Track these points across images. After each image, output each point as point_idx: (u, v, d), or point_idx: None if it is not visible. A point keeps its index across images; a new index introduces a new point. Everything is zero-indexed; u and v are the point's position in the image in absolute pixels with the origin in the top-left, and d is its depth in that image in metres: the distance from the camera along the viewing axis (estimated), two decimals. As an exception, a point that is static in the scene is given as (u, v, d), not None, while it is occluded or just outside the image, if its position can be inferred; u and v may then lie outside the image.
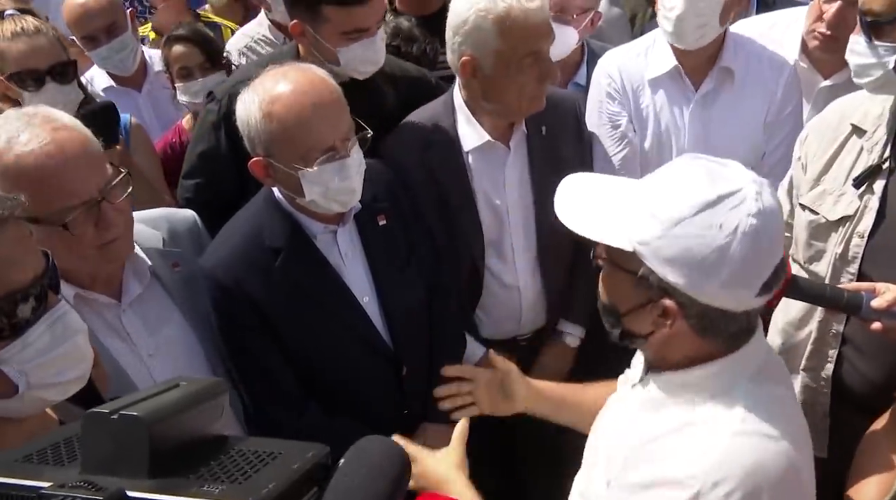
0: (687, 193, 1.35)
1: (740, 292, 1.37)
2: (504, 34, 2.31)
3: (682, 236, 1.33)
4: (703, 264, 1.33)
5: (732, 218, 1.32)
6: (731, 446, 1.36)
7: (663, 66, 2.70)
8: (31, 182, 1.68)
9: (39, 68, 2.82)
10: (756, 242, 1.32)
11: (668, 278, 1.36)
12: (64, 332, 1.30)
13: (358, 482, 0.86)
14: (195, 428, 0.87)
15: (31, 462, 0.84)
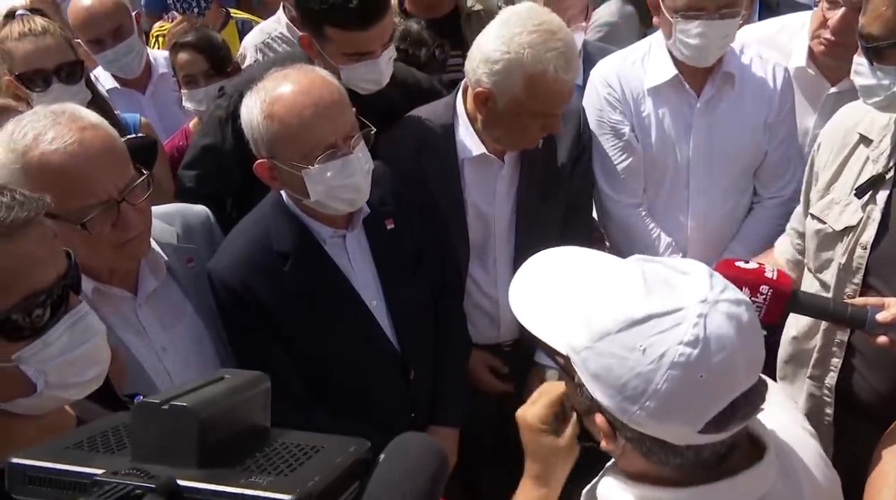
0: (618, 304, 1.17)
1: (675, 428, 1.16)
2: (530, 90, 2.31)
3: (604, 354, 1.16)
4: (625, 389, 1.14)
5: (660, 343, 1.12)
6: None
7: (663, 75, 2.70)
8: (53, 179, 1.70)
9: (46, 68, 2.82)
10: (688, 375, 1.11)
11: (594, 394, 1.19)
12: (84, 333, 1.30)
13: (398, 477, 0.87)
14: (240, 420, 0.89)
15: (82, 450, 0.85)
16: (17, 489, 0.82)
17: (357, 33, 2.46)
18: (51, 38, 2.86)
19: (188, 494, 0.78)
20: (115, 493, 0.75)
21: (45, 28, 2.87)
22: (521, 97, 2.33)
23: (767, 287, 1.78)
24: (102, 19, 3.35)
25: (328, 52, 2.52)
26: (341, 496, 0.83)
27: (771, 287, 1.78)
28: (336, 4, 2.41)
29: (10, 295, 1.19)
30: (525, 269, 1.43)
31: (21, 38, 2.85)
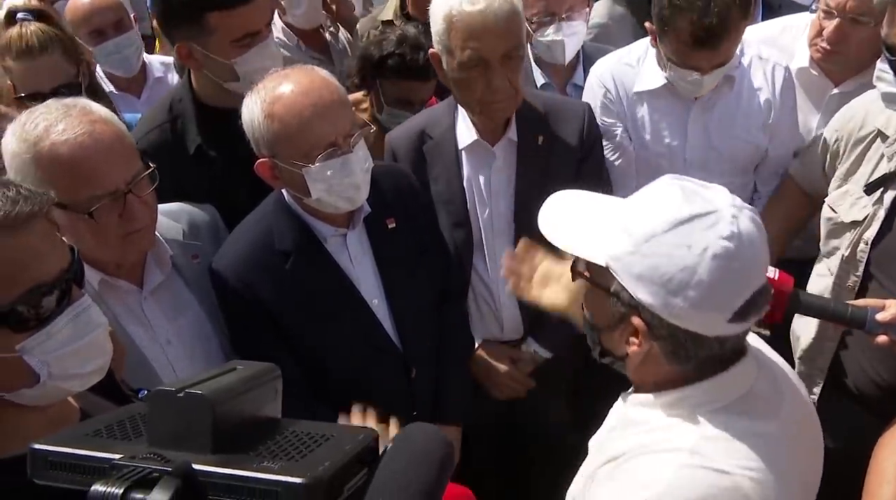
0: (660, 211, 1.33)
1: (710, 316, 1.32)
2: (449, 31, 2.31)
3: (651, 254, 1.31)
4: (671, 283, 1.29)
5: (703, 238, 1.28)
6: (676, 479, 1.31)
7: (656, 81, 2.71)
8: (62, 170, 1.75)
9: (42, 91, 2.70)
10: (727, 265, 1.28)
11: (637, 295, 1.33)
12: (86, 325, 1.33)
13: (405, 465, 0.90)
14: (252, 409, 0.92)
15: (101, 437, 0.88)
16: (39, 474, 0.85)
17: (240, 9, 2.35)
18: (48, 57, 2.77)
19: (203, 477, 0.80)
20: (133, 475, 0.78)
21: (44, 44, 2.77)
22: (447, 42, 2.33)
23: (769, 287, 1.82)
24: (105, 10, 3.37)
25: (214, 48, 2.39)
26: (350, 482, 0.86)
27: (773, 287, 1.81)
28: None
29: (14, 287, 1.23)
30: (549, 204, 1.55)
31: (19, 58, 2.76)
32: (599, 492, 1.41)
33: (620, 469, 1.40)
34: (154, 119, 2.61)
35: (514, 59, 2.33)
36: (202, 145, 2.51)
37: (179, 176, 2.41)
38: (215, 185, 2.48)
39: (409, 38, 2.92)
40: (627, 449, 1.41)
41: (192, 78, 2.58)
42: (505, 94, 2.35)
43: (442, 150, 2.55)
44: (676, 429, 1.38)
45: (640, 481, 1.33)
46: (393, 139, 2.62)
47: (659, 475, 1.32)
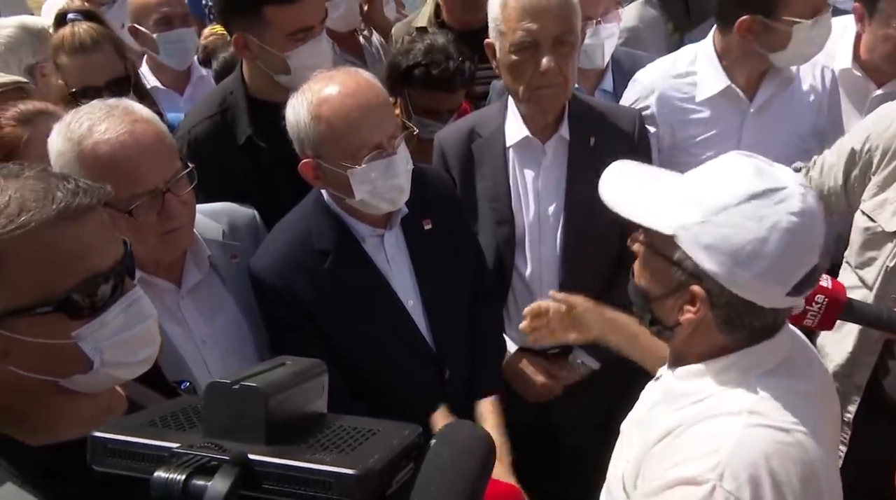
0: (734, 184, 1.39)
1: (772, 288, 1.39)
2: (505, 14, 2.36)
3: (723, 224, 1.37)
4: (740, 254, 1.36)
5: (774, 213, 1.35)
6: (742, 439, 1.36)
7: (715, 86, 2.70)
8: (104, 168, 1.79)
9: (97, 84, 2.91)
10: (794, 240, 1.35)
11: (703, 264, 1.39)
12: (137, 315, 1.37)
13: (449, 460, 0.92)
14: (302, 403, 0.94)
15: (156, 426, 0.91)
16: (98, 461, 0.88)
17: (297, 4, 2.47)
18: (100, 53, 2.94)
19: (259, 467, 0.83)
20: (192, 463, 0.81)
21: (96, 41, 2.94)
22: (500, 25, 2.37)
23: (823, 297, 1.82)
24: (175, 0, 3.51)
25: (269, 40, 2.51)
26: (398, 475, 0.88)
27: (827, 297, 1.82)
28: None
29: (72, 275, 1.27)
30: (610, 173, 1.60)
31: (72, 55, 2.94)
32: (659, 467, 1.44)
33: (681, 439, 1.44)
34: (205, 110, 2.71)
35: (566, 46, 2.36)
36: (252, 136, 2.60)
37: (228, 166, 2.52)
38: (262, 176, 2.56)
39: (437, 48, 2.93)
40: (682, 420, 1.46)
41: (244, 72, 2.69)
42: (554, 79, 2.37)
43: (491, 147, 2.57)
44: (729, 394, 1.44)
45: (707, 446, 1.38)
46: (442, 138, 2.64)
47: (725, 437, 1.37)
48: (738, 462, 1.34)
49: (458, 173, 2.60)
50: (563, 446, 2.74)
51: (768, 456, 1.35)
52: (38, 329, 1.26)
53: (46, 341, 1.27)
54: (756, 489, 1.33)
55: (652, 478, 1.46)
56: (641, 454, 1.52)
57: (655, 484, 1.43)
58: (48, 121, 2.17)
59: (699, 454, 1.38)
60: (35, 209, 1.23)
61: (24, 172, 1.29)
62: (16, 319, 1.25)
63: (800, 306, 1.67)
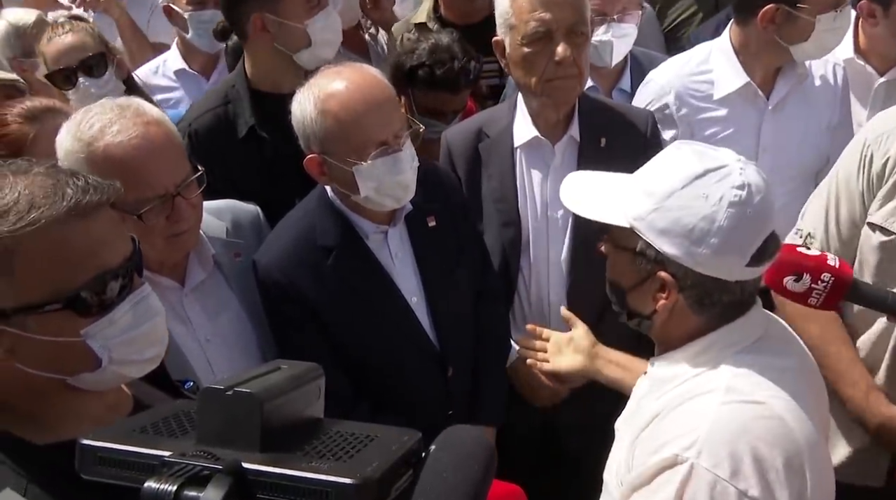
0: (677, 169, 1.48)
1: (730, 260, 1.46)
2: (515, 7, 2.33)
3: (673, 208, 1.45)
4: (693, 233, 1.43)
5: (718, 189, 1.43)
6: (719, 416, 1.41)
7: (733, 83, 2.68)
8: (115, 171, 1.74)
9: (70, 65, 2.96)
10: (740, 211, 1.42)
11: (663, 249, 1.47)
12: (146, 313, 1.36)
13: (450, 466, 0.89)
14: (298, 408, 0.92)
15: (147, 433, 0.89)
16: (87, 469, 0.86)
17: None
18: (73, 35, 2.99)
19: (253, 476, 0.80)
20: (184, 473, 0.78)
21: (71, 26, 3.00)
22: (510, 19, 2.35)
23: (829, 275, 1.80)
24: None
25: (287, 13, 2.57)
26: (397, 483, 0.86)
27: (833, 275, 1.80)
28: None
29: (82, 273, 1.26)
30: (568, 182, 1.72)
31: (48, 42, 3.00)
32: (645, 450, 1.48)
33: (663, 423, 1.49)
34: (208, 103, 2.73)
35: (580, 36, 2.34)
36: (255, 127, 2.62)
37: (230, 159, 2.53)
38: (266, 168, 2.57)
39: (442, 48, 2.90)
40: (664, 405, 1.51)
41: (247, 65, 2.71)
42: (569, 69, 2.34)
43: (498, 148, 2.54)
44: (706, 374, 1.50)
45: (685, 426, 1.42)
46: (449, 137, 2.62)
47: (701, 416, 1.42)
48: (715, 439, 1.38)
49: (465, 173, 2.57)
50: (568, 447, 2.71)
51: (746, 430, 1.39)
52: (47, 327, 1.25)
53: (55, 338, 1.26)
54: (735, 464, 1.36)
55: (637, 465, 1.49)
56: (631, 443, 1.55)
57: (641, 473, 1.46)
58: (56, 118, 2.17)
59: (677, 434, 1.42)
60: (45, 206, 1.22)
61: (32, 169, 1.28)
62: (24, 316, 1.23)
63: (805, 284, 1.74)
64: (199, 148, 2.51)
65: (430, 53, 2.88)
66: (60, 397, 1.33)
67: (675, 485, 1.38)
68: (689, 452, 1.38)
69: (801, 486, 1.40)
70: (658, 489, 1.42)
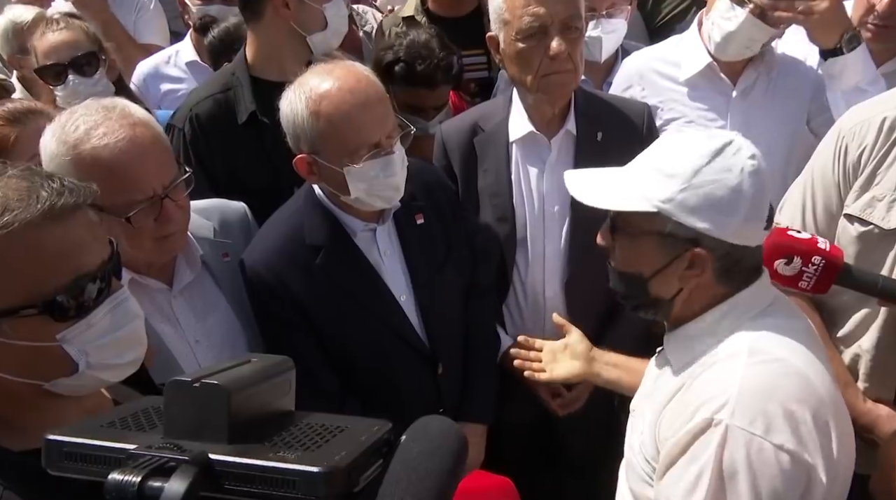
0: (695, 148, 1.52)
1: (755, 226, 1.53)
2: (508, 2, 2.33)
3: (702, 184, 1.49)
4: (724, 205, 1.49)
5: (737, 161, 1.50)
6: (745, 376, 1.45)
7: (696, 65, 2.71)
8: (102, 174, 1.74)
9: (61, 62, 2.97)
10: (759, 179, 1.51)
11: (696, 225, 1.50)
12: (124, 316, 1.35)
13: (420, 456, 0.89)
14: (268, 400, 0.92)
15: (115, 428, 0.89)
16: (53, 465, 0.86)
17: None
18: (67, 32, 2.99)
19: (220, 467, 0.80)
20: (150, 465, 0.78)
21: (66, 23, 3.01)
22: (504, 14, 2.35)
23: (820, 258, 1.81)
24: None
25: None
26: (366, 472, 0.86)
27: (824, 258, 1.81)
28: None
29: (57, 276, 1.24)
30: (572, 177, 1.74)
31: (41, 36, 3.01)
32: (674, 423, 1.51)
33: (689, 393, 1.52)
34: (209, 89, 2.76)
35: (574, 31, 2.34)
36: (256, 112, 2.64)
37: (230, 145, 2.55)
38: (266, 154, 2.58)
39: (418, 44, 2.89)
40: (687, 377, 1.55)
41: (248, 51, 2.74)
42: (565, 64, 2.34)
43: (493, 142, 2.54)
44: (727, 340, 1.54)
45: (714, 390, 1.47)
46: (445, 131, 2.62)
47: (729, 379, 1.46)
48: (746, 399, 1.42)
49: (460, 168, 2.57)
50: (564, 442, 2.71)
51: (775, 387, 1.44)
52: (22, 331, 1.24)
53: (30, 343, 1.24)
54: (768, 420, 1.40)
55: (666, 438, 1.52)
56: (654, 419, 1.59)
57: (676, 443, 1.49)
58: (38, 120, 2.16)
59: (707, 399, 1.46)
60: (19, 209, 1.21)
61: (7, 171, 1.26)
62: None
63: (796, 267, 1.78)
64: (200, 133, 2.53)
65: (408, 49, 2.87)
66: (37, 402, 1.31)
67: (713, 448, 1.42)
68: (722, 413, 1.42)
69: (827, 438, 1.45)
70: (697, 456, 1.45)
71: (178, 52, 3.71)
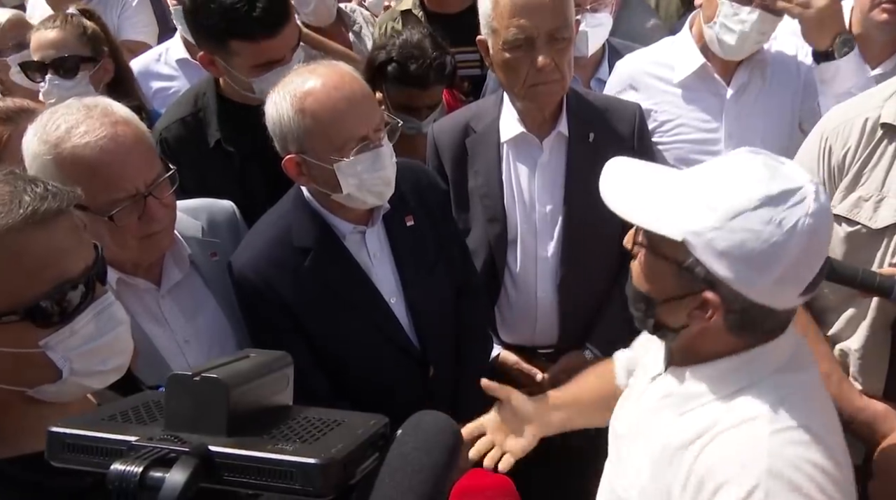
0: (748, 187, 1.33)
1: (788, 290, 1.36)
2: (496, 11, 2.33)
3: (739, 230, 1.32)
4: (756, 260, 1.32)
5: (792, 215, 1.31)
6: (771, 448, 1.33)
7: (689, 67, 2.71)
8: (84, 173, 1.75)
9: (43, 61, 2.99)
10: (811, 241, 1.32)
11: (716, 271, 1.35)
12: (108, 322, 1.35)
13: (415, 451, 0.91)
14: (266, 394, 0.93)
15: (116, 421, 0.90)
16: (55, 456, 0.87)
17: (265, 43, 2.46)
18: (59, 31, 3.00)
19: (219, 458, 0.82)
20: (151, 456, 0.80)
21: (64, 21, 3.01)
22: (492, 22, 2.35)
23: None
24: None
25: (235, 66, 2.50)
26: (362, 465, 0.88)
27: None
28: (238, 18, 2.40)
29: (40, 282, 1.24)
30: (609, 172, 1.53)
31: (36, 31, 3.04)
32: (687, 489, 1.40)
33: (703, 459, 1.39)
34: (178, 111, 2.71)
35: (560, 41, 2.33)
36: (220, 140, 2.60)
37: (201, 168, 2.50)
38: (235, 177, 2.55)
39: (411, 44, 2.89)
40: (700, 430, 1.42)
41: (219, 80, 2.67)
42: (551, 75, 2.34)
43: (484, 143, 2.54)
44: (745, 397, 1.40)
45: (736, 467, 1.34)
46: (436, 132, 2.62)
47: (753, 455, 1.34)
48: (775, 477, 1.31)
49: (452, 168, 2.58)
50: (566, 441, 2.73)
51: (803, 460, 1.33)
52: (4, 338, 1.24)
53: (13, 350, 1.24)
54: (800, 497, 1.31)
55: (670, 487, 1.42)
56: (655, 471, 1.47)
57: (675, 492, 1.40)
58: (31, 118, 2.15)
59: (730, 476, 1.34)
60: (1, 214, 1.21)
61: None
62: None
63: None
64: (170, 156, 2.52)
65: (400, 49, 2.87)
66: (20, 409, 1.31)
67: None
68: (747, 484, 1.31)
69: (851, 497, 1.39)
70: None
71: (168, 50, 3.67)
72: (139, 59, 3.72)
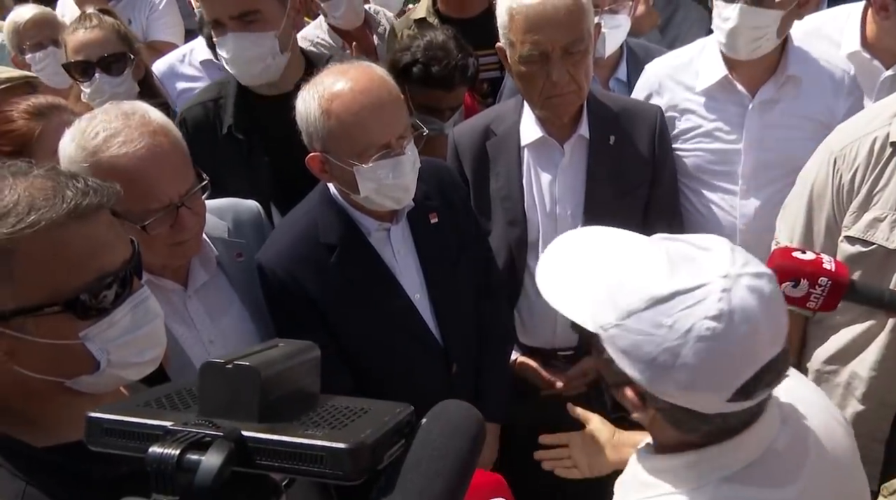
0: (641, 284, 1.21)
1: (704, 396, 1.21)
2: (510, 23, 2.36)
3: (633, 331, 1.20)
4: (655, 364, 1.19)
5: (685, 318, 1.16)
6: None
7: (713, 76, 2.67)
8: (120, 181, 1.75)
9: (90, 59, 3.03)
10: (715, 347, 1.16)
11: (624, 369, 1.24)
12: (145, 315, 1.39)
13: (440, 438, 0.93)
14: (295, 382, 0.96)
15: (151, 407, 0.93)
16: (94, 440, 0.90)
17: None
18: (99, 30, 3.05)
19: (252, 443, 0.84)
20: (187, 439, 0.82)
21: (100, 21, 3.07)
22: (509, 35, 2.37)
23: (827, 279, 1.80)
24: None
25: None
26: (389, 451, 0.90)
27: (830, 279, 1.80)
28: None
29: (81, 275, 1.28)
30: (553, 249, 1.45)
31: (73, 31, 3.07)
32: None
33: None
34: (203, 95, 2.81)
35: (576, 55, 2.34)
36: (231, 127, 2.66)
37: (213, 152, 2.55)
38: (242, 166, 2.62)
39: (435, 46, 2.91)
40: None
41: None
42: (566, 88, 2.36)
43: (505, 146, 2.56)
44: (684, 497, 1.29)
45: None
46: (457, 135, 2.64)
47: None
48: None
49: (472, 171, 2.60)
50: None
51: None
52: (46, 329, 1.27)
53: (53, 341, 1.27)
54: None
55: None
56: None
57: None
58: (61, 114, 2.21)
59: None
60: (45, 208, 1.24)
61: (32, 171, 1.29)
62: (23, 319, 1.25)
63: (803, 289, 1.68)
64: (187, 137, 2.58)
65: (425, 51, 2.89)
66: (59, 399, 1.34)
67: None
68: None
69: None
70: None
71: (193, 51, 3.73)
72: (163, 59, 3.78)
